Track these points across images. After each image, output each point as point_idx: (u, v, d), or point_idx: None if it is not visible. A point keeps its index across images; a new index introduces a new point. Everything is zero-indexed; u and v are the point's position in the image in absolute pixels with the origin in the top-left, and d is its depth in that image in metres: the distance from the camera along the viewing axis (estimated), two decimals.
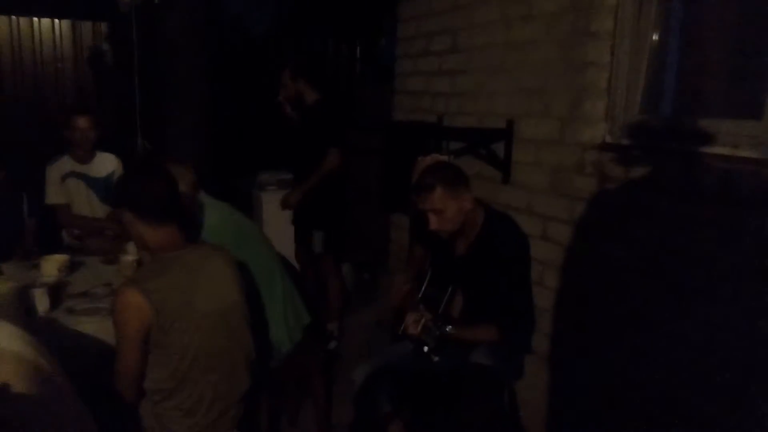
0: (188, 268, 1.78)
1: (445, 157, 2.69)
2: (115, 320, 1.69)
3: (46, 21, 4.46)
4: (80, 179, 3.51)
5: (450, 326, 2.04)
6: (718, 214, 1.85)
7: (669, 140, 2.14)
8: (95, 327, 2.08)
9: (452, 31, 3.25)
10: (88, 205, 3.54)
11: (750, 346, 1.75)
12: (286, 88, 3.65)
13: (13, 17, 4.39)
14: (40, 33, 4.48)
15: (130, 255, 2.60)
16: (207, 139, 3.20)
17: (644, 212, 2.13)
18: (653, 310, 2.08)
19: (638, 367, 2.15)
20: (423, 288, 2.30)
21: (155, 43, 2.92)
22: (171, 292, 1.70)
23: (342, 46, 5.48)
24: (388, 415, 2.07)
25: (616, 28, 2.31)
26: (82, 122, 3.47)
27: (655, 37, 2.27)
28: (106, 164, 3.59)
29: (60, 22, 4.48)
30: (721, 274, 1.83)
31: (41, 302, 2.13)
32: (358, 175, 4.31)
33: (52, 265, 2.51)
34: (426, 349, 2.00)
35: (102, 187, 3.52)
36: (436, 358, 2.01)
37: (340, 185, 3.72)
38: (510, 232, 2.17)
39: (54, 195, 3.53)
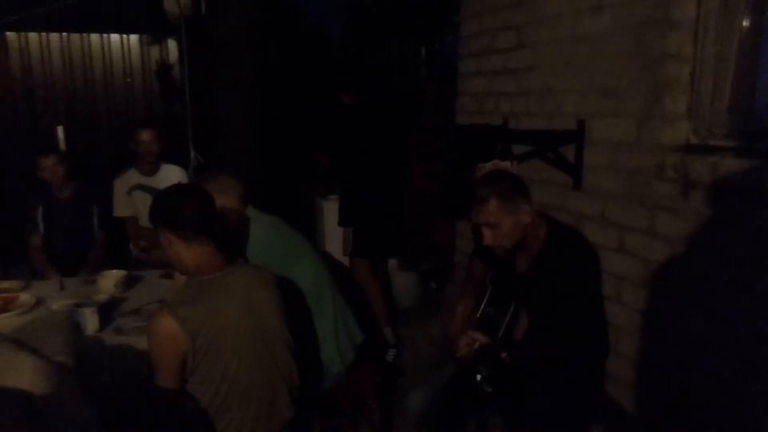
0: (226, 291, 1.70)
1: (507, 164, 2.48)
2: (150, 348, 1.63)
3: (115, 37, 4.59)
4: (146, 191, 3.56)
5: (506, 353, 1.84)
6: None
7: (763, 141, 1.86)
8: (144, 346, 2.05)
9: (517, 27, 3.04)
10: None
11: None
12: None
13: (84, 34, 4.54)
14: (110, 49, 4.61)
15: None
16: (261, 150, 3.16)
17: (736, 223, 1.86)
18: (745, 331, 1.81)
19: (723, 391, 1.89)
20: (482, 306, 2.12)
21: (207, 54, 2.90)
22: (207, 318, 1.62)
23: (406, 47, 5.35)
24: None
25: (700, 15, 2.05)
26: (145, 135, 3.52)
27: (745, 23, 1.98)
28: (172, 176, 3.63)
29: (128, 37, 4.60)
30: None
31: (90, 321, 2.12)
32: (421, 180, 4.16)
33: (108, 282, 2.52)
34: (478, 377, 1.82)
35: None
36: (489, 389, 1.82)
37: (374, 185, 3.64)
38: (575, 248, 1.96)
39: (121, 208, 3.60)
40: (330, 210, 4.15)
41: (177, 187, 2.03)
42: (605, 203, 2.48)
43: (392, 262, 4.27)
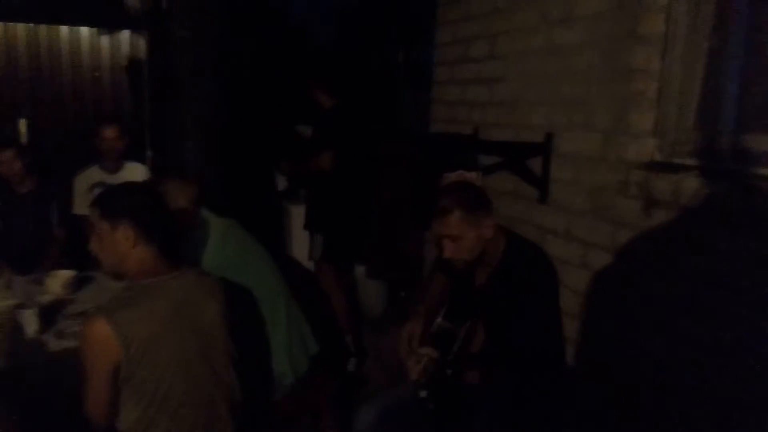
0: (166, 297, 1.62)
1: (473, 174, 2.43)
2: (83, 353, 1.55)
3: (84, 30, 4.47)
4: None
5: (451, 370, 1.77)
6: None
7: (727, 160, 1.84)
8: None
9: (490, 36, 3.00)
10: None
11: None
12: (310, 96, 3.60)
13: (52, 26, 4.42)
14: (79, 42, 4.50)
15: None
16: (221, 151, 3.08)
17: (697, 244, 1.83)
18: (706, 357, 1.78)
19: (677, 411, 1.85)
20: (439, 320, 2.06)
21: (167, 52, 2.83)
22: (143, 324, 1.54)
23: (384, 53, 5.31)
24: None
25: (668, 31, 2.02)
26: (109, 132, 3.43)
27: (713, 42, 1.96)
28: (136, 174, 3.53)
29: (98, 30, 4.49)
30: None
31: (30, 323, 2.03)
32: (392, 187, 4.10)
33: (56, 282, 2.43)
34: (422, 394, 1.75)
35: None
36: (431, 406, 1.76)
37: (346, 191, 3.56)
38: (534, 262, 1.91)
39: (81, 205, 3.49)
40: (297, 214, 4.08)
41: (131, 183, 1.96)
42: (570, 218, 2.44)
43: (360, 270, 4.20)
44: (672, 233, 1.93)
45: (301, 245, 3.98)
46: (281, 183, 4.69)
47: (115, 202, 1.69)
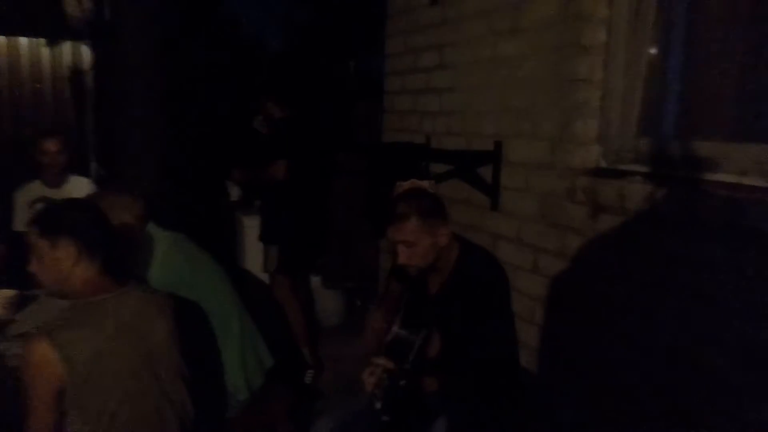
0: (112, 316, 1.57)
1: (425, 183, 2.45)
2: (24, 375, 1.48)
3: (24, 40, 4.31)
4: None
5: (404, 380, 1.77)
6: (722, 250, 1.60)
7: (669, 165, 1.90)
8: None
9: (439, 47, 3.04)
10: None
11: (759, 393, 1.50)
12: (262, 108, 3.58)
13: None
14: (18, 52, 4.33)
15: None
16: (168, 163, 3.01)
17: (642, 247, 1.88)
18: (649, 353, 1.83)
19: (632, 411, 1.90)
20: (395, 329, 2.06)
21: (111, 64, 2.76)
22: (87, 344, 1.49)
23: (335, 63, 5.31)
24: None
25: (610, 41, 2.09)
26: (50, 145, 3.31)
27: (653, 51, 2.03)
28: (80, 189, 3.41)
29: (38, 41, 4.32)
30: (729, 319, 1.58)
31: None
32: (347, 197, 4.10)
33: None
34: (377, 405, 1.74)
35: None
36: (386, 418, 1.74)
37: (300, 201, 3.54)
38: (486, 268, 1.93)
39: (21, 222, 3.35)
40: (251, 226, 4.02)
41: (70, 200, 1.89)
42: (521, 224, 2.48)
43: (316, 280, 4.17)
44: (618, 237, 1.98)
45: (255, 257, 3.92)
46: (234, 193, 4.62)
47: (54, 219, 1.63)
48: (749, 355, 1.53)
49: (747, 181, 1.65)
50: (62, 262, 1.59)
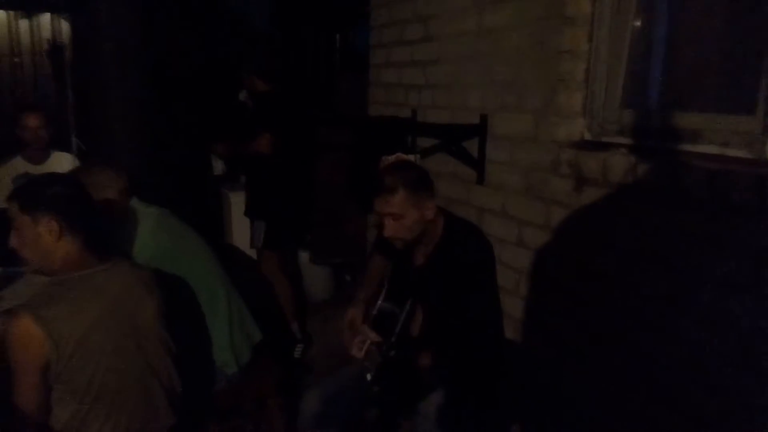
0: (96, 291, 1.56)
1: (411, 157, 2.45)
2: (9, 353, 1.48)
3: (1, 13, 4.21)
4: None
5: (394, 351, 1.79)
6: (705, 220, 1.62)
7: (653, 137, 1.91)
8: None
9: (425, 19, 3.01)
10: None
11: (735, 364, 1.53)
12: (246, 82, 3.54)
13: None
14: None
15: None
16: (152, 137, 2.97)
17: (626, 218, 1.90)
18: (634, 323, 1.86)
19: (615, 382, 1.94)
20: (379, 302, 2.07)
21: (91, 34, 2.70)
22: (72, 319, 1.49)
23: (320, 36, 5.23)
24: None
25: (594, 13, 2.08)
26: (32, 120, 3.26)
27: (637, 23, 2.03)
28: (63, 164, 3.37)
29: (16, 13, 4.22)
30: (709, 286, 1.61)
31: None
32: (333, 172, 4.08)
33: None
34: (368, 377, 1.76)
35: None
36: (376, 389, 1.77)
37: (286, 176, 3.52)
38: (470, 240, 1.94)
39: (3, 199, 3.32)
40: (237, 202, 4.00)
41: (51, 174, 1.87)
42: (506, 198, 2.49)
43: (304, 255, 4.17)
44: (602, 210, 1.99)
45: (241, 232, 3.91)
46: (218, 167, 4.59)
47: (34, 194, 1.61)
48: (726, 326, 1.56)
49: (729, 152, 1.66)
50: (44, 238, 1.58)
